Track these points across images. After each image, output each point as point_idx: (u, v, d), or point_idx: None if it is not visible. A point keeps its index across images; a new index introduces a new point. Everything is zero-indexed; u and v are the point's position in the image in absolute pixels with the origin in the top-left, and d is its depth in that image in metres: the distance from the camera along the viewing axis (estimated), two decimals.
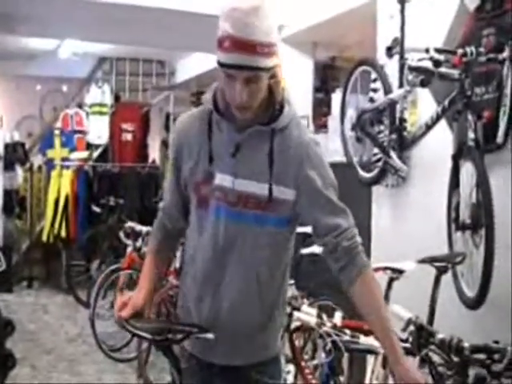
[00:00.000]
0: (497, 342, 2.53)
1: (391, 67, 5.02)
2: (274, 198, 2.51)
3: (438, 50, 4.06)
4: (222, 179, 2.53)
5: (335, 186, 2.58)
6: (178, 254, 5.45)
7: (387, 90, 4.86)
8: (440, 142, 4.53)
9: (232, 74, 2.38)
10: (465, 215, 3.94)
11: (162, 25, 8.02)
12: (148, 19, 7.95)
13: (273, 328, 2.66)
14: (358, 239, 2.54)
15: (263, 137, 2.53)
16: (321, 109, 8.85)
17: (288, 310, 3.50)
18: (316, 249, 5.27)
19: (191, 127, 2.64)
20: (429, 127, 4.43)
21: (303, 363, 3.83)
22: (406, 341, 3.19)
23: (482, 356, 2.53)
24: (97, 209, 9.81)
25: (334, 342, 3.35)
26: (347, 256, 2.50)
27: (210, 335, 2.48)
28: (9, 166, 10.52)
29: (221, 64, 2.40)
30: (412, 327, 2.94)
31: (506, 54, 3.98)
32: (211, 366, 2.63)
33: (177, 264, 6.04)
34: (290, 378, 3.87)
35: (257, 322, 2.60)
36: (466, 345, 2.56)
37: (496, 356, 2.48)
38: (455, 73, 4.00)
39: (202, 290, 2.59)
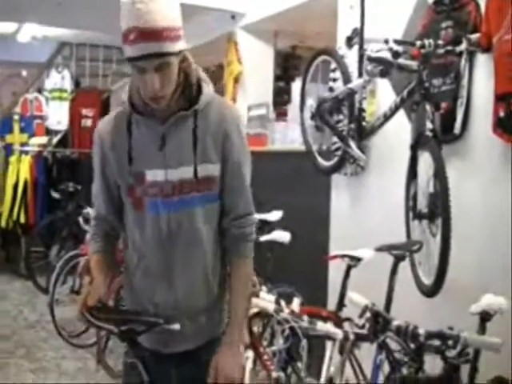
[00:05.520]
0: (451, 329, 2.59)
1: (351, 57, 5.07)
2: (202, 176, 2.51)
3: (396, 42, 4.10)
4: (153, 175, 2.51)
5: (250, 163, 2.66)
6: None
7: (346, 80, 4.89)
8: (398, 132, 4.58)
9: (142, 65, 2.35)
10: (422, 204, 3.99)
11: None
12: (108, 5, 7.88)
13: (220, 307, 2.68)
14: (250, 229, 2.65)
15: (187, 121, 2.52)
16: (281, 97, 8.91)
17: None
18: (274, 236, 5.33)
19: (112, 132, 2.58)
20: (387, 117, 4.47)
21: (262, 349, 3.86)
22: (362, 327, 3.25)
23: (436, 342, 2.60)
24: (56, 195, 9.69)
25: (291, 328, 3.39)
26: (235, 241, 2.63)
27: (176, 326, 2.46)
28: None
29: (129, 59, 2.36)
30: (368, 314, 3.00)
31: (463, 46, 4.06)
32: (162, 355, 2.63)
33: None
34: (249, 364, 3.89)
35: (206, 304, 2.62)
36: (421, 331, 2.62)
37: (450, 342, 2.55)
38: (414, 64, 4.05)
39: (155, 284, 2.59)
